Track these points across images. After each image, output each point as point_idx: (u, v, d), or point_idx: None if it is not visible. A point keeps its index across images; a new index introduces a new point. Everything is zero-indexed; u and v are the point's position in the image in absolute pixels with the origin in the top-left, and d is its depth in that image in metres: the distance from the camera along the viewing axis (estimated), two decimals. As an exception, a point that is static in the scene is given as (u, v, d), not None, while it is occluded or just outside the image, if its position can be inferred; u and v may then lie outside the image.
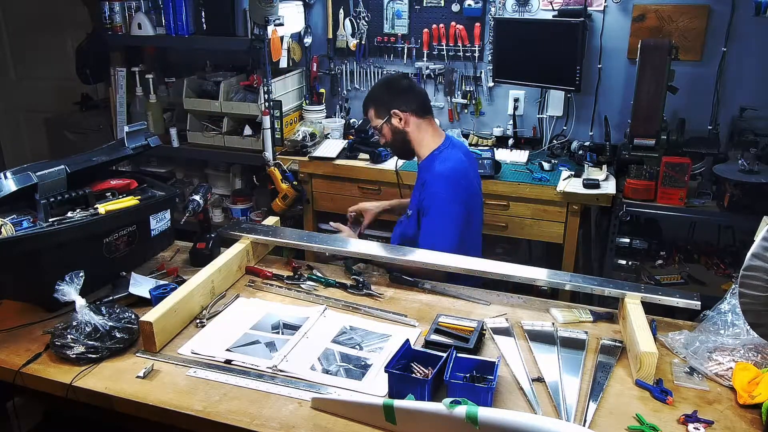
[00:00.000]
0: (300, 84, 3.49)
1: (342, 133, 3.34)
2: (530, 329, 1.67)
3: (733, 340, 1.54)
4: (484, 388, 1.32)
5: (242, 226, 2.06)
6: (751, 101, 2.86)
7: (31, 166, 1.76)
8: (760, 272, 1.30)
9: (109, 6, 3.28)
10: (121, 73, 3.46)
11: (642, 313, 1.59)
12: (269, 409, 1.35)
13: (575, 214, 2.76)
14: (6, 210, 1.78)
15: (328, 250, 1.99)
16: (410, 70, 3.40)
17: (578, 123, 3.20)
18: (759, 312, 1.36)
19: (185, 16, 3.18)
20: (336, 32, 3.44)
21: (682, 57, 2.74)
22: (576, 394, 1.40)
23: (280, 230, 2.08)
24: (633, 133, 2.72)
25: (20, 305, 1.76)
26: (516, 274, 1.78)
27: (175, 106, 3.52)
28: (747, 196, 2.47)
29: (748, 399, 1.36)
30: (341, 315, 1.75)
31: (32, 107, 4.50)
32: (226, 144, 3.32)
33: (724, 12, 2.84)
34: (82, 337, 1.49)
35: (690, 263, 2.87)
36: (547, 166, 2.94)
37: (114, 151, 2.00)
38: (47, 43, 4.32)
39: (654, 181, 2.60)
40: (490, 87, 3.29)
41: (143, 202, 1.94)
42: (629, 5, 2.97)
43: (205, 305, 1.76)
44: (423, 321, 1.70)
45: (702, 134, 2.91)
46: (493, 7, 3.16)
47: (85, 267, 1.59)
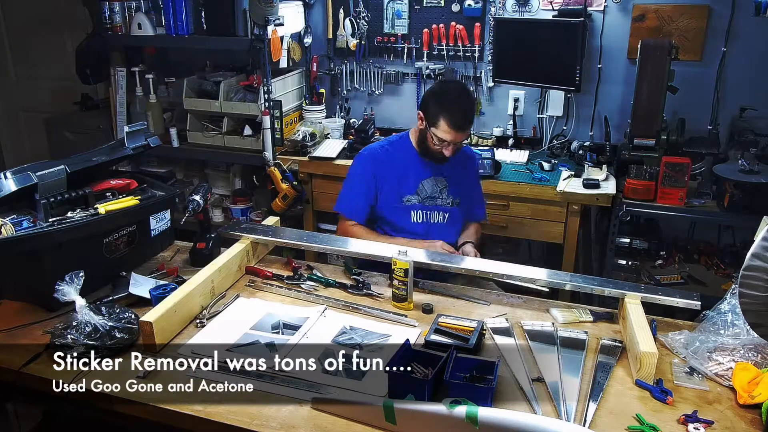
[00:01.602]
0: (300, 84, 3.49)
1: (342, 133, 3.34)
2: (530, 329, 1.67)
3: (733, 340, 1.54)
4: (484, 388, 1.32)
5: (242, 226, 2.06)
6: (751, 101, 2.85)
7: (31, 166, 1.76)
8: (760, 272, 1.30)
9: (109, 6, 3.28)
10: (121, 73, 3.45)
11: (642, 313, 1.59)
12: (269, 409, 1.35)
13: (575, 214, 2.76)
14: (6, 210, 1.77)
15: (327, 250, 1.98)
16: (410, 70, 3.40)
17: (578, 123, 3.20)
18: (759, 312, 1.36)
19: (185, 16, 3.18)
20: (336, 32, 3.44)
21: (682, 57, 2.74)
22: (576, 394, 1.40)
23: (280, 230, 2.08)
24: (633, 133, 2.72)
25: (20, 305, 1.76)
26: (516, 273, 1.78)
27: (175, 106, 3.52)
28: (747, 196, 2.47)
29: (748, 399, 1.36)
30: (341, 315, 1.75)
31: (32, 107, 4.49)
32: (226, 144, 3.32)
33: (724, 12, 2.84)
34: (82, 337, 1.49)
35: (690, 263, 2.86)
36: (547, 166, 2.94)
37: (114, 151, 2.00)
38: (47, 43, 4.31)
39: (654, 181, 2.60)
40: (490, 87, 3.29)
41: (143, 202, 1.94)
42: (629, 5, 2.97)
43: (205, 305, 1.75)
44: (423, 321, 1.70)
45: (702, 134, 2.91)
46: (493, 7, 3.16)
47: (85, 267, 1.59)
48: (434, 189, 2.25)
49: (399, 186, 2.23)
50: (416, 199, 2.24)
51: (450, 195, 2.27)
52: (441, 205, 2.27)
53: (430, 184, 2.25)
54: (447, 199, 2.27)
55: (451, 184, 2.27)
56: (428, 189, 2.25)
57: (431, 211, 2.26)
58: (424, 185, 2.24)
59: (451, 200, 2.28)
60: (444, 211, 2.27)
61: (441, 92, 2.18)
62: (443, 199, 2.27)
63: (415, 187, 2.24)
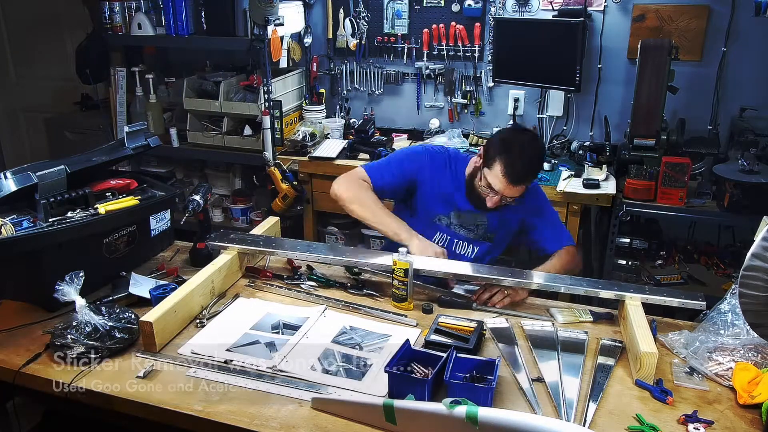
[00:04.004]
0: (300, 84, 3.49)
1: (342, 133, 3.34)
2: (530, 329, 1.67)
3: (733, 340, 1.54)
4: (484, 388, 1.32)
5: (230, 236, 1.95)
6: (751, 101, 2.86)
7: (31, 166, 1.76)
8: (760, 272, 1.30)
9: (109, 6, 3.28)
10: (121, 73, 3.46)
11: (642, 313, 1.59)
12: (269, 409, 1.35)
13: (575, 214, 2.76)
14: (6, 210, 1.77)
15: (323, 259, 1.90)
16: (410, 70, 3.40)
17: (578, 123, 3.20)
18: (759, 312, 1.36)
19: (185, 16, 3.18)
20: (336, 32, 3.44)
21: (682, 57, 2.74)
22: (576, 394, 1.40)
23: (271, 240, 1.99)
24: (633, 133, 2.72)
25: (20, 305, 1.76)
26: (522, 279, 1.77)
27: (175, 106, 3.52)
28: (747, 196, 2.47)
29: (748, 399, 1.36)
30: (341, 315, 1.75)
31: (32, 107, 4.50)
32: (226, 144, 3.32)
33: (724, 12, 2.84)
34: (82, 337, 1.49)
35: (690, 263, 2.87)
36: (547, 166, 2.94)
37: (114, 151, 2.00)
38: (47, 43, 4.31)
39: (654, 181, 2.60)
40: (490, 87, 3.29)
41: (143, 202, 1.94)
42: (629, 5, 2.97)
43: (205, 305, 1.75)
44: (423, 321, 1.70)
45: (702, 134, 2.91)
46: (493, 7, 3.16)
47: (85, 267, 1.59)
48: (469, 222, 2.07)
49: (434, 200, 2.07)
50: (446, 222, 2.08)
51: (488, 232, 2.08)
52: (470, 237, 2.09)
53: (466, 215, 2.07)
54: (480, 234, 2.08)
55: (491, 225, 2.08)
56: (463, 220, 2.07)
57: (457, 240, 2.09)
58: (460, 214, 2.07)
59: (484, 235, 2.09)
60: (472, 243, 2.09)
61: (512, 137, 1.96)
62: (476, 233, 2.08)
63: (449, 210, 2.07)
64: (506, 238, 2.15)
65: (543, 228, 2.10)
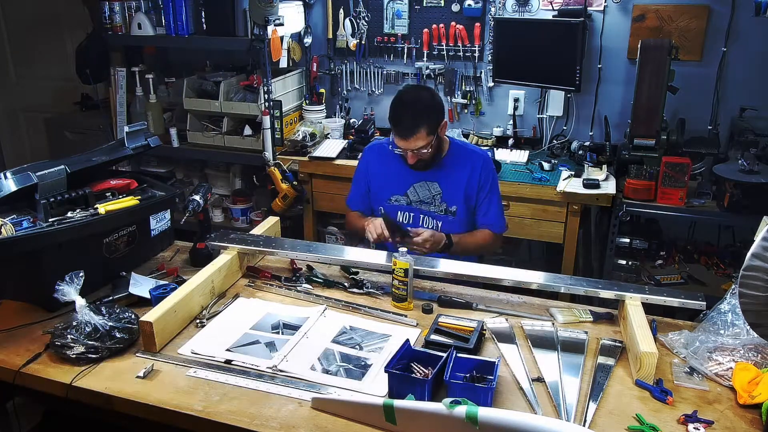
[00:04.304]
0: (300, 84, 3.49)
1: (342, 133, 3.34)
2: (530, 329, 1.67)
3: (733, 340, 1.54)
4: (484, 388, 1.32)
5: (230, 236, 1.97)
6: (751, 101, 2.85)
7: (31, 166, 1.76)
8: (760, 272, 1.30)
9: (109, 6, 3.28)
10: (121, 73, 3.46)
11: (642, 313, 1.59)
12: (269, 409, 1.35)
13: (575, 214, 2.76)
14: (6, 210, 1.78)
15: (318, 258, 1.92)
16: (410, 70, 3.40)
17: (578, 123, 3.20)
18: (759, 312, 1.36)
19: (185, 16, 3.18)
20: (336, 32, 3.44)
21: (682, 57, 2.74)
22: (576, 394, 1.40)
23: (271, 240, 2.00)
24: (633, 133, 2.72)
25: (20, 305, 1.76)
26: (522, 279, 1.76)
27: (175, 106, 3.52)
28: (747, 196, 2.47)
29: (748, 399, 1.36)
30: (341, 315, 1.75)
31: (32, 107, 4.50)
32: (226, 144, 3.32)
33: (724, 12, 2.84)
34: (82, 337, 1.49)
35: (690, 263, 2.87)
36: (547, 166, 2.94)
37: (114, 151, 2.00)
38: (47, 43, 4.31)
39: (654, 181, 2.60)
40: (490, 87, 3.29)
41: (143, 202, 1.94)
42: (629, 5, 2.97)
43: (205, 305, 1.76)
44: (423, 321, 1.70)
45: (702, 134, 2.91)
46: (493, 7, 3.16)
47: (85, 267, 1.59)
48: (426, 194, 2.19)
49: (387, 183, 2.23)
50: (405, 201, 2.21)
51: (443, 202, 2.19)
52: (433, 211, 2.20)
53: (421, 188, 2.19)
54: (440, 206, 2.19)
55: (445, 191, 2.19)
56: (419, 193, 2.20)
57: (422, 215, 2.21)
58: (415, 189, 2.19)
59: (444, 207, 2.19)
60: (435, 218, 2.20)
61: (397, 97, 2.11)
62: (436, 206, 2.20)
63: (404, 189, 2.21)
64: (467, 215, 2.23)
65: (480, 203, 2.22)
